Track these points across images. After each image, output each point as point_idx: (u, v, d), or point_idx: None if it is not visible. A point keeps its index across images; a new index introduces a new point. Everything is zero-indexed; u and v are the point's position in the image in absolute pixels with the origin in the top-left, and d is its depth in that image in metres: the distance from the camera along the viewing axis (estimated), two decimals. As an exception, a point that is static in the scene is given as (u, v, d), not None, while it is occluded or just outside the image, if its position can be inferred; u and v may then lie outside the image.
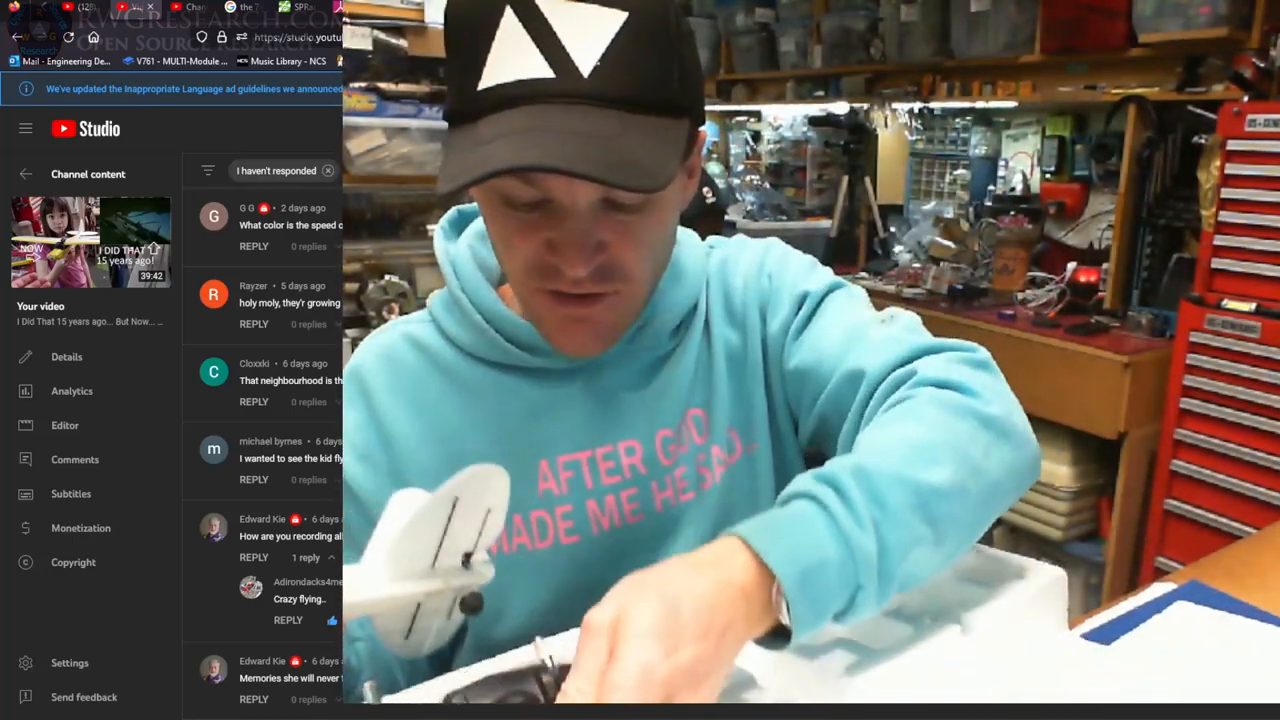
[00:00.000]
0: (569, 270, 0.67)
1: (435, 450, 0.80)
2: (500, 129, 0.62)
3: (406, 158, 2.35)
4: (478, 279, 0.81)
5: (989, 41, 2.91)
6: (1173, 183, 2.58)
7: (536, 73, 0.62)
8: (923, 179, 3.63)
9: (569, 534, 0.80)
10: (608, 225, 0.68)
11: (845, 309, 0.82)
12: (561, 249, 0.67)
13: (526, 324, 0.78)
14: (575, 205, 0.66)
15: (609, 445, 0.81)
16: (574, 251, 0.67)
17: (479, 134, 0.63)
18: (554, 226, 0.67)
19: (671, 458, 0.82)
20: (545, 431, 0.80)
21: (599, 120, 0.62)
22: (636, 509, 0.81)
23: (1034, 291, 2.91)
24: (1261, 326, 2.08)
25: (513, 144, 0.60)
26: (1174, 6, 2.37)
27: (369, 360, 0.83)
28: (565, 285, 0.69)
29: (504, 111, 0.62)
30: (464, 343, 0.81)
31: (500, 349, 0.80)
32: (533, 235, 0.68)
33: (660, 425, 0.82)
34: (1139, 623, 0.77)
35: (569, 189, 0.65)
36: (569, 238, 0.67)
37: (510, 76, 0.62)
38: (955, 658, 0.64)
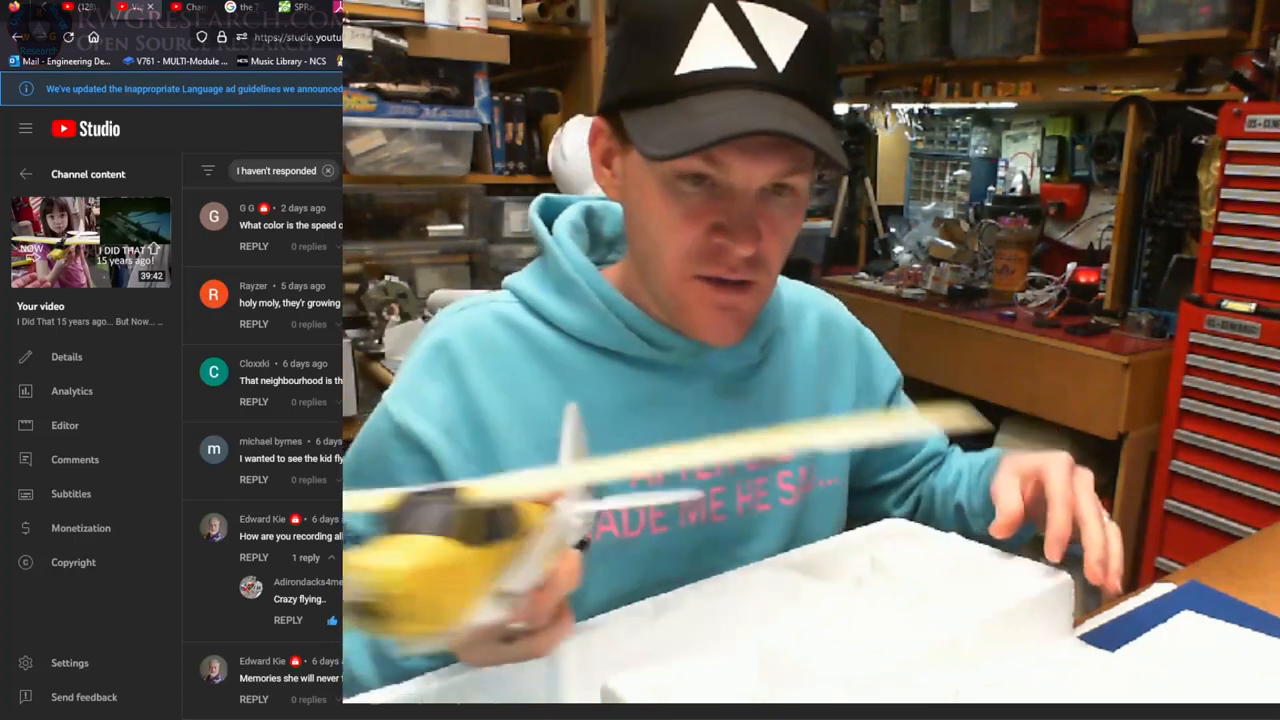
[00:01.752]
0: (739, 250, 0.71)
1: (526, 433, 0.79)
2: (716, 105, 0.67)
3: (406, 158, 2.35)
4: (590, 264, 0.82)
5: (989, 42, 2.91)
6: (1173, 183, 2.58)
7: (738, 62, 0.68)
8: (923, 179, 3.63)
9: (659, 524, 0.81)
10: (764, 215, 0.72)
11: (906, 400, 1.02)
12: (731, 230, 0.71)
13: (643, 313, 0.80)
14: (748, 188, 0.71)
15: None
16: (744, 232, 0.71)
17: (691, 109, 0.68)
18: (721, 210, 0.71)
19: (757, 464, 0.85)
20: (646, 422, 0.80)
21: (796, 109, 0.69)
22: (721, 507, 0.83)
23: (1034, 292, 2.91)
24: (1261, 327, 2.08)
25: (737, 115, 0.66)
26: (1174, 7, 2.37)
27: (457, 336, 0.81)
28: (724, 270, 0.73)
29: (712, 92, 0.68)
30: (573, 325, 0.81)
31: (619, 335, 0.80)
32: (699, 219, 0.71)
33: (750, 432, 0.83)
34: (1139, 625, 0.77)
35: (747, 172, 0.70)
36: (739, 219, 0.71)
37: (713, 64, 0.68)
38: (956, 659, 0.64)
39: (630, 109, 0.72)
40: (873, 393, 0.97)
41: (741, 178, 0.70)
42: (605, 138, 0.78)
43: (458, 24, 2.33)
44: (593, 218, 0.90)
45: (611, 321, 0.80)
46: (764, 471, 0.85)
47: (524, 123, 2.57)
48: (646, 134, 0.69)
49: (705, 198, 0.71)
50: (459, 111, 2.40)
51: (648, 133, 0.69)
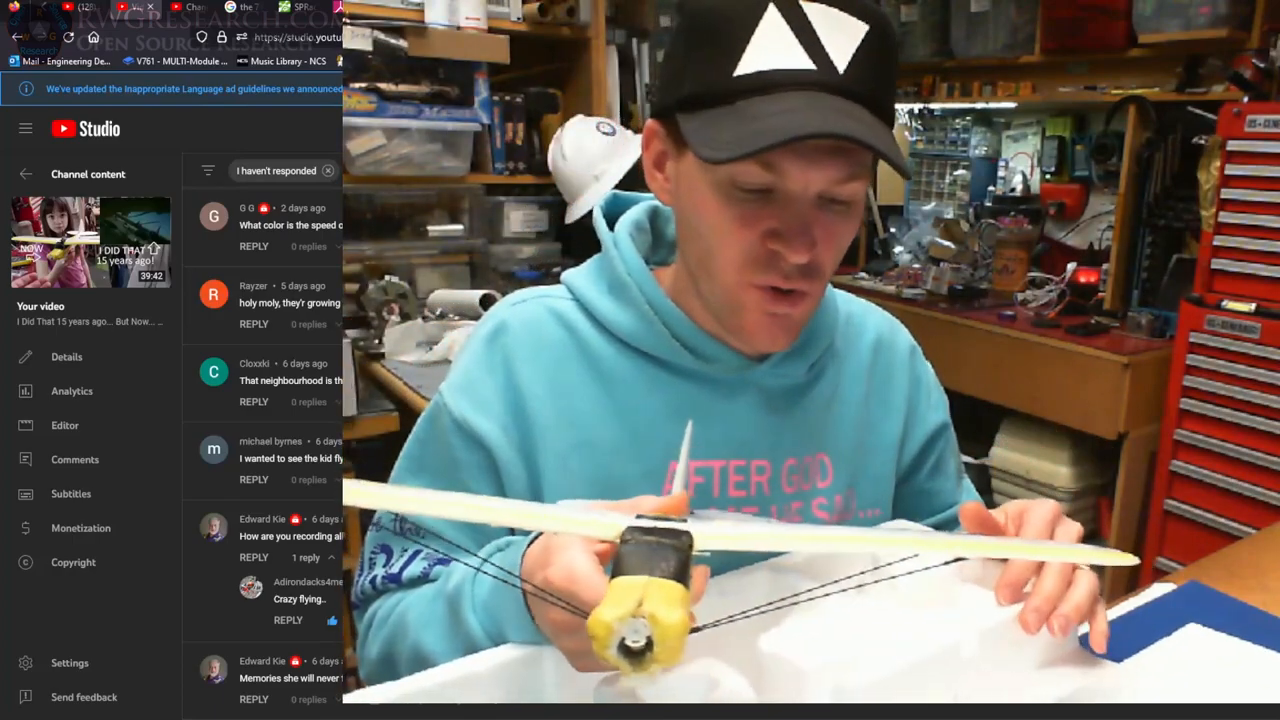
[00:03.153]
0: (794, 256, 0.70)
1: (566, 434, 0.79)
2: (775, 108, 0.66)
3: (406, 158, 2.34)
4: (644, 268, 0.81)
5: (989, 42, 2.91)
6: (1173, 183, 2.58)
7: (798, 64, 0.67)
8: (923, 179, 3.63)
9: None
10: (819, 222, 0.71)
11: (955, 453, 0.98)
12: (786, 236, 0.70)
13: (689, 321, 0.79)
14: (805, 194, 0.69)
15: (742, 460, 0.81)
16: (799, 239, 0.70)
17: (749, 111, 0.66)
18: (776, 216, 0.70)
19: (794, 487, 0.84)
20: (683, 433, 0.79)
21: (857, 111, 0.67)
22: None
23: (1034, 292, 2.91)
24: (1261, 327, 2.08)
25: (798, 118, 0.65)
26: (1174, 7, 2.37)
27: (514, 328, 0.81)
28: (778, 279, 0.72)
29: (772, 94, 0.66)
30: (621, 328, 0.80)
31: (663, 342, 0.79)
32: (754, 225, 0.70)
33: (789, 454, 0.83)
34: (1141, 628, 0.77)
35: (803, 178, 0.68)
36: (794, 225, 0.70)
37: (773, 65, 0.67)
38: (958, 660, 0.64)
39: (687, 111, 0.71)
40: (917, 424, 0.93)
41: (799, 183, 0.69)
42: (659, 141, 0.77)
43: (458, 24, 2.33)
44: (657, 218, 0.89)
45: (658, 328, 0.79)
46: (799, 496, 0.84)
47: (524, 123, 2.57)
48: (704, 137, 0.68)
49: (761, 203, 0.70)
50: (459, 111, 2.40)
51: (705, 136, 0.68)
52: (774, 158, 0.67)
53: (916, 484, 0.94)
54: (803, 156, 0.67)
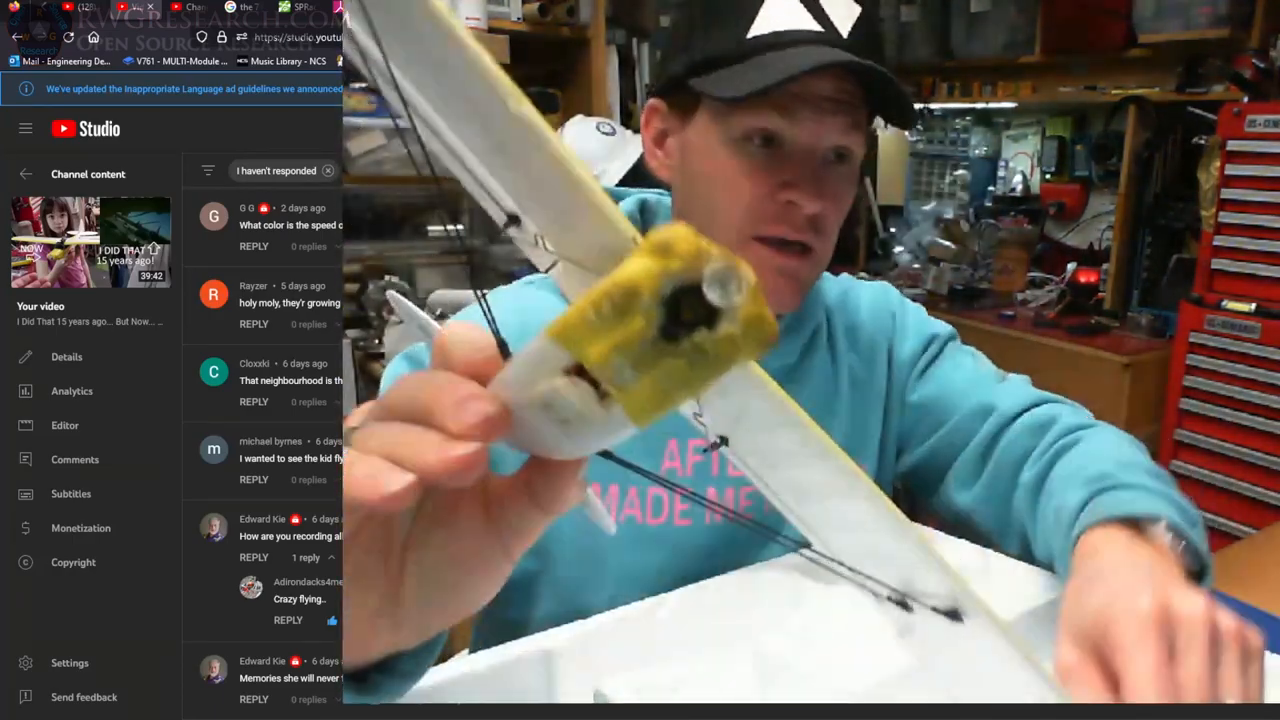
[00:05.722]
0: (807, 205, 0.73)
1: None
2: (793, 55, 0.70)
3: (406, 158, 2.34)
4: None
5: (989, 42, 2.91)
6: (1173, 183, 2.58)
7: (807, 25, 0.72)
8: (923, 179, 3.63)
9: (684, 516, 0.80)
10: (828, 178, 0.74)
11: (969, 355, 0.93)
12: (800, 184, 0.73)
13: None
14: (817, 145, 0.73)
15: None
16: (812, 187, 0.73)
17: (764, 62, 0.70)
18: (789, 169, 0.73)
19: None
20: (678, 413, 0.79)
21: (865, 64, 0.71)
22: (750, 506, 0.83)
23: (1034, 292, 2.91)
24: (1261, 327, 2.08)
25: (813, 57, 0.69)
26: (1174, 7, 2.37)
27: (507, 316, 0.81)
28: (787, 229, 0.74)
29: (786, 50, 0.71)
30: None
31: None
32: (764, 177, 0.73)
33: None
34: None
35: (818, 128, 0.72)
36: (807, 174, 0.73)
37: (784, 26, 0.72)
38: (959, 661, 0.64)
39: (700, 74, 0.74)
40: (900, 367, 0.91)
41: (810, 134, 0.72)
42: (660, 118, 0.80)
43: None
44: (646, 210, 0.90)
45: None
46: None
47: (524, 123, 2.56)
48: (720, 86, 0.71)
49: (772, 157, 0.73)
50: (459, 111, 2.40)
51: (721, 85, 0.71)
52: (792, 104, 0.71)
53: (921, 403, 0.89)
54: (816, 108, 0.71)
